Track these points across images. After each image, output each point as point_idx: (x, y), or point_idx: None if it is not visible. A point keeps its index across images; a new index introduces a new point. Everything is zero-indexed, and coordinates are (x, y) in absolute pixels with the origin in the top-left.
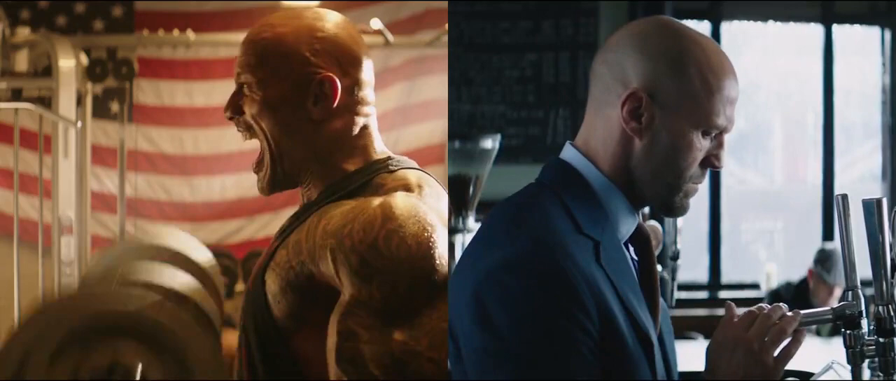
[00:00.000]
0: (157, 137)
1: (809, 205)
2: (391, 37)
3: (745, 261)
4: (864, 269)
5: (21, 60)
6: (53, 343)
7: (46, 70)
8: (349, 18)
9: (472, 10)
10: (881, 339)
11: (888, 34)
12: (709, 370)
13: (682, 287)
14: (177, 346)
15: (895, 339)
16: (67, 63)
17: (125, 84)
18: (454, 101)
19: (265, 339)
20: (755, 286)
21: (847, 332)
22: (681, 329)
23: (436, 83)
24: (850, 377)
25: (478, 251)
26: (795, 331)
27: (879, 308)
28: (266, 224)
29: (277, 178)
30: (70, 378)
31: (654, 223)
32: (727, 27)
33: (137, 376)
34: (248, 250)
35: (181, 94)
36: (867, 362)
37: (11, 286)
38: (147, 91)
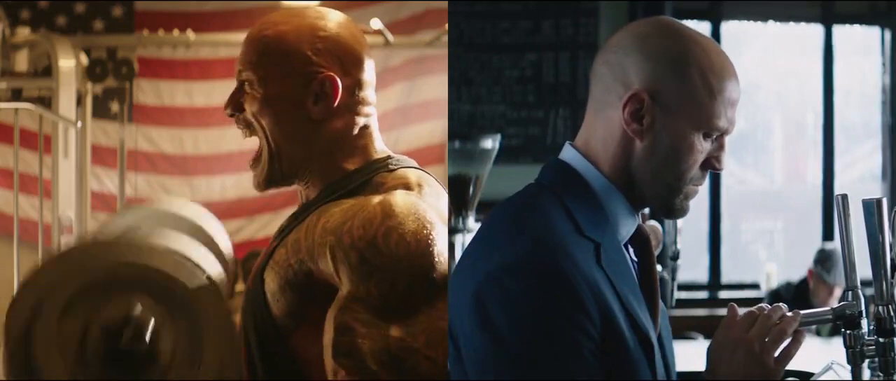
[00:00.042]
0: (157, 137)
1: (809, 205)
2: (391, 37)
3: (745, 261)
4: (864, 269)
5: (21, 60)
6: (68, 293)
7: (46, 70)
8: (350, 18)
9: (472, 10)
10: (881, 339)
11: (888, 34)
12: (709, 371)
13: (682, 287)
14: (192, 311)
15: (895, 339)
16: (67, 63)
17: (125, 84)
18: (454, 101)
19: (264, 338)
20: (755, 286)
21: (847, 332)
22: (681, 329)
23: (436, 83)
24: (850, 377)
25: (478, 252)
26: (795, 331)
27: (879, 308)
28: (266, 224)
29: (274, 175)
30: (81, 330)
31: (654, 223)
32: (727, 27)
33: (148, 334)
34: (248, 249)
35: (181, 94)
36: (867, 362)
37: (11, 286)
38: (147, 91)
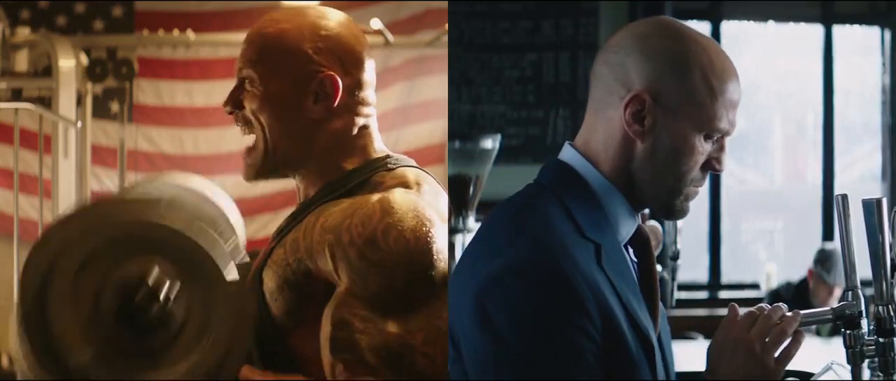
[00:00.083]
0: (157, 137)
1: (809, 205)
2: (391, 37)
3: (745, 261)
4: (864, 269)
5: (21, 60)
6: (89, 247)
7: (46, 70)
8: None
9: (472, 10)
10: (881, 339)
11: (888, 34)
12: (710, 371)
13: (682, 287)
14: (209, 282)
15: (895, 339)
16: (67, 63)
17: (125, 84)
18: (454, 101)
19: (263, 337)
20: (755, 286)
21: (847, 332)
22: (681, 329)
23: (436, 83)
24: (850, 377)
25: (478, 253)
26: (795, 332)
27: (879, 308)
28: (265, 224)
29: (265, 169)
30: (98, 285)
31: (654, 224)
32: (727, 27)
33: (162, 296)
34: (248, 249)
35: (181, 94)
36: (867, 362)
37: (11, 286)
38: (147, 91)
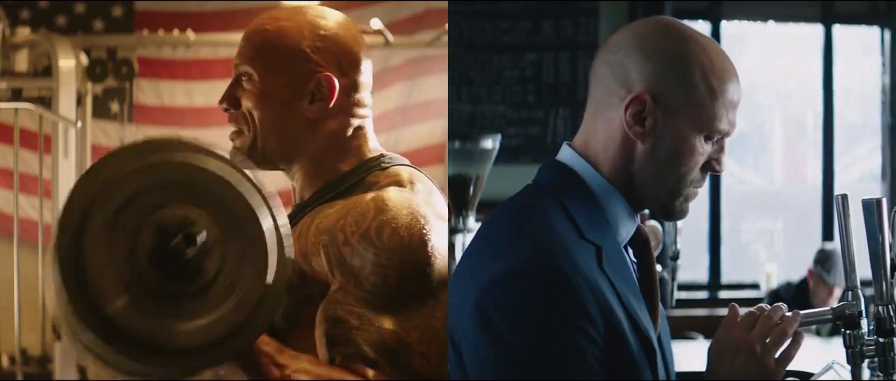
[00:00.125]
0: None
1: (809, 205)
2: (391, 37)
3: (745, 261)
4: (864, 269)
5: (21, 60)
6: (133, 186)
7: (46, 70)
8: (350, 18)
9: (472, 10)
10: (881, 339)
11: (888, 34)
12: (710, 372)
13: (682, 287)
14: (250, 238)
15: (895, 339)
16: (67, 63)
17: (125, 84)
18: (454, 101)
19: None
20: (755, 286)
21: (847, 332)
22: (681, 329)
23: (436, 83)
24: (850, 377)
25: (478, 255)
26: (795, 332)
27: (879, 308)
28: None
29: (251, 159)
30: (136, 226)
31: (654, 224)
32: (727, 27)
33: (199, 243)
34: None
35: (181, 94)
36: (867, 362)
37: (11, 286)
38: (147, 91)
